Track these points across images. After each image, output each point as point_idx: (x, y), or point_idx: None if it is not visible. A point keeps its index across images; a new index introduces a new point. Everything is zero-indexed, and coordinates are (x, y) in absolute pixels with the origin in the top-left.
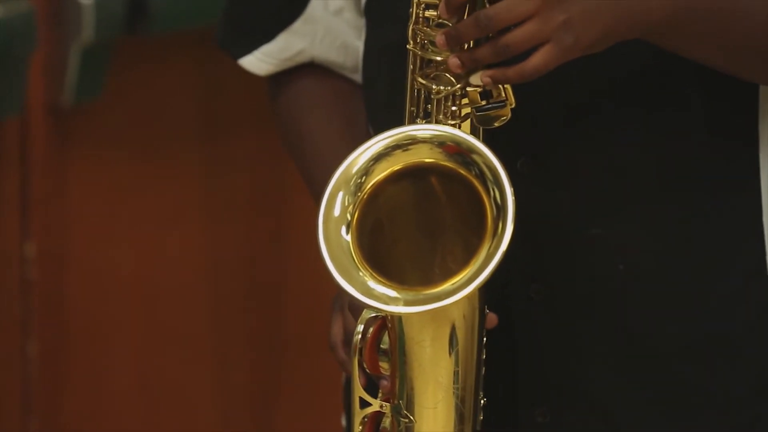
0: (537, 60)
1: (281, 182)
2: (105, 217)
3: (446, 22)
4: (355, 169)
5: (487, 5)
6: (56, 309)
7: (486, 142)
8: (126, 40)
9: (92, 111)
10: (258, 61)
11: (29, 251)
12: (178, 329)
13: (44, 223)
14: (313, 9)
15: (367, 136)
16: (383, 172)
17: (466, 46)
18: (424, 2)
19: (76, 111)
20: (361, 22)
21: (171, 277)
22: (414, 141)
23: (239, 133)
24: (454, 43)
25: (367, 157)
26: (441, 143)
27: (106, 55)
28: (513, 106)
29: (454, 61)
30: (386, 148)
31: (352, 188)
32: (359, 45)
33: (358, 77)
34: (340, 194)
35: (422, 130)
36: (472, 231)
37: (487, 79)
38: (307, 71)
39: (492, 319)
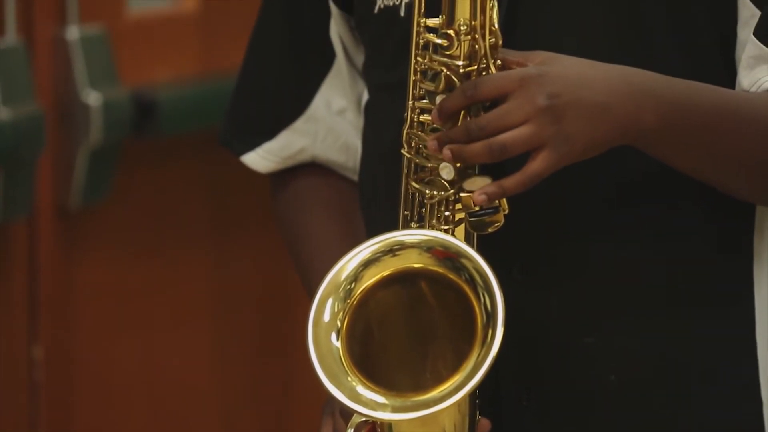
0: (535, 166)
1: (289, 281)
2: (113, 319)
3: (440, 127)
4: (344, 276)
5: (482, 111)
6: (64, 412)
7: (480, 247)
8: (134, 142)
9: (100, 212)
10: (260, 159)
11: (37, 354)
12: (186, 429)
13: (52, 326)
14: (316, 108)
15: (365, 238)
16: (373, 277)
17: None
18: (418, 107)
19: (84, 213)
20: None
21: (179, 377)
22: (403, 246)
23: (246, 233)
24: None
25: (356, 263)
26: (430, 248)
27: (113, 156)
28: (506, 212)
29: (445, 152)
30: (375, 254)
31: (341, 294)
32: (360, 145)
33: (358, 177)
34: (330, 301)
35: (411, 235)
36: (462, 337)
37: (483, 197)
38: (308, 170)
39: (485, 425)
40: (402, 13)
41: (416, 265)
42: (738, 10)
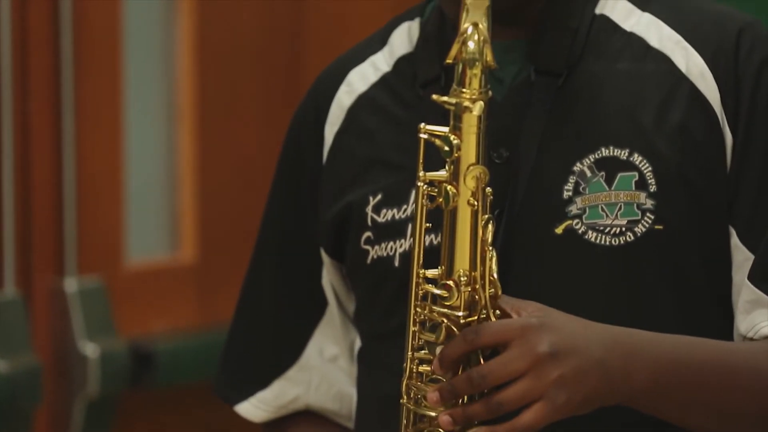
0: (528, 419)
1: None
2: None
3: (440, 377)
4: None
5: (481, 359)
6: None
7: None
8: (131, 393)
9: None
10: (253, 408)
11: None
12: None
13: None
14: (309, 356)
15: None
16: None
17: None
18: (417, 358)
19: None
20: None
21: None
22: None
23: None
24: (448, 400)
25: None
26: None
27: (111, 408)
28: None
29: (446, 419)
30: None
31: None
32: (354, 392)
33: (352, 424)
34: None
35: None
36: None
37: None
38: (302, 418)
39: None
40: (397, 264)
41: None
42: (732, 254)
